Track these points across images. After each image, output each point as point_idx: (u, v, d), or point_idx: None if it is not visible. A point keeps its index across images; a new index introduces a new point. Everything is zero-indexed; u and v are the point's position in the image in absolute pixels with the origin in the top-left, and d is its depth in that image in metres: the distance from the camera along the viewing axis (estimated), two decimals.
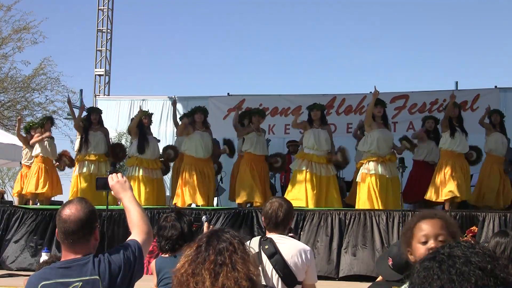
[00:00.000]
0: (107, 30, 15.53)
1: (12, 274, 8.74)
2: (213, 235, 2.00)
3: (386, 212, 8.52)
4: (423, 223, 2.42)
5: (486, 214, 8.39)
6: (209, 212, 9.03)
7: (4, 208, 9.92)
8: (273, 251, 3.63)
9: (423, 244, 2.38)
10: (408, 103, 12.64)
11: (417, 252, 2.39)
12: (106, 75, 15.30)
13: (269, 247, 3.64)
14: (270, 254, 3.62)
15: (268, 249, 3.64)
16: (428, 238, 2.38)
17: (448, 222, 2.46)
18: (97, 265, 2.58)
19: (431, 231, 2.38)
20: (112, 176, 2.95)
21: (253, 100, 13.38)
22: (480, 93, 12.33)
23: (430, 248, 2.33)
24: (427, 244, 2.37)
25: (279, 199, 3.94)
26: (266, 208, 3.82)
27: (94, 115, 10.79)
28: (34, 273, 2.72)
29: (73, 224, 2.61)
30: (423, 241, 2.38)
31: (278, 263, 3.61)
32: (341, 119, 12.84)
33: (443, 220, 2.43)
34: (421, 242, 2.39)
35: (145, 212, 2.93)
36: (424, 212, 2.53)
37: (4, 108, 20.95)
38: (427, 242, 2.37)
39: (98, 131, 10.65)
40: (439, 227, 2.40)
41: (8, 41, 20.34)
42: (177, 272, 1.93)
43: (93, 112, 10.95)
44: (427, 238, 2.38)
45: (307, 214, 8.79)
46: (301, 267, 3.66)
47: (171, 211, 4.18)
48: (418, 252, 2.39)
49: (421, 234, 2.39)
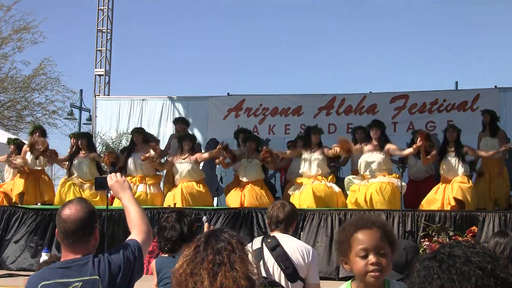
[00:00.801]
0: (107, 30, 15.52)
1: (12, 274, 8.74)
2: (211, 235, 2.00)
3: (386, 212, 8.51)
4: (361, 234, 2.25)
5: (486, 214, 8.39)
6: (209, 212, 9.03)
7: (4, 208, 9.91)
8: (275, 244, 3.71)
9: (362, 258, 2.22)
10: (408, 103, 12.63)
11: (356, 266, 2.24)
12: (106, 75, 15.29)
13: (271, 241, 3.74)
14: (272, 247, 3.70)
15: (270, 242, 3.73)
16: (368, 251, 2.22)
17: (386, 230, 2.30)
18: (97, 265, 2.58)
19: (370, 244, 2.22)
20: (111, 176, 2.95)
21: (253, 100, 13.38)
22: (480, 93, 12.32)
23: (372, 263, 2.20)
24: (368, 259, 2.21)
25: (281, 201, 4.11)
26: (269, 209, 4.00)
27: (81, 140, 10.36)
28: (34, 273, 2.72)
29: (73, 224, 2.61)
30: (362, 255, 2.22)
31: (280, 255, 3.67)
32: (341, 119, 12.83)
33: (381, 230, 2.27)
34: (360, 256, 2.23)
35: (145, 212, 2.93)
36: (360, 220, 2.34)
37: (4, 108, 20.96)
38: (367, 256, 2.22)
39: (85, 158, 10.22)
40: (378, 239, 2.24)
41: (8, 41, 20.37)
42: (176, 272, 1.93)
43: (80, 138, 10.52)
44: (366, 251, 2.22)
45: (307, 214, 8.79)
46: (303, 263, 3.70)
47: (172, 211, 4.18)
48: (356, 266, 2.23)
49: (360, 248, 2.23)
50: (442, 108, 12.44)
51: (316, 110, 12.94)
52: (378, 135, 9.18)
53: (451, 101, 12.38)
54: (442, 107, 12.44)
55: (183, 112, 13.75)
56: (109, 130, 13.95)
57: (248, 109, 13.26)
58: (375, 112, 12.60)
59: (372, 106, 12.70)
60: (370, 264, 2.22)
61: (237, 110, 13.33)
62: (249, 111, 13.26)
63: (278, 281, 3.63)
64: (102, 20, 15.49)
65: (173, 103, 13.91)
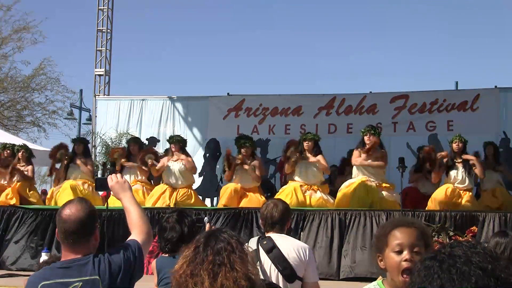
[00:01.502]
0: (107, 30, 15.52)
1: (12, 274, 8.74)
2: (211, 235, 2.00)
3: (386, 212, 8.51)
4: (398, 231, 2.29)
5: (486, 214, 8.38)
6: (209, 212, 9.03)
7: (4, 208, 9.91)
8: (271, 246, 3.68)
9: (397, 253, 2.25)
10: (408, 103, 12.63)
11: (389, 261, 2.27)
12: (106, 75, 15.28)
13: (267, 243, 3.70)
14: (268, 249, 3.66)
15: (266, 244, 3.69)
16: (403, 247, 2.25)
17: (424, 232, 2.34)
18: (97, 265, 2.58)
19: (406, 240, 2.26)
20: (111, 177, 2.96)
21: (253, 100, 13.38)
22: (480, 93, 12.31)
23: (405, 260, 2.23)
24: (402, 255, 2.25)
25: (274, 200, 4.05)
26: (262, 209, 3.92)
27: (77, 146, 10.39)
28: (34, 273, 2.72)
29: (73, 224, 2.61)
30: (397, 250, 2.25)
31: (276, 257, 3.65)
32: (341, 119, 12.83)
33: (419, 230, 2.32)
34: (395, 251, 2.26)
35: (145, 212, 2.94)
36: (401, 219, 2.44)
37: (4, 108, 20.95)
38: (402, 252, 2.25)
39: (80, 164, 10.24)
40: (415, 237, 2.28)
41: (8, 41, 20.36)
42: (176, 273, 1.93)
43: (77, 143, 10.55)
44: (401, 247, 2.25)
45: (307, 214, 8.78)
46: (300, 262, 3.68)
47: (173, 212, 4.17)
48: (390, 261, 2.26)
49: (396, 243, 2.26)
50: (442, 108, 12.43)
51: (316, 110, 12.94)
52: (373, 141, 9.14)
53: (451, 101, 12.38)
54: (442, 107, 12.44)
55: (183, 112, 13.75)
56: (109, 130, 13.94)
57: (248, 109, 13.26)
58: (375, 112, 12.61)
59: (372, 106, 12.70)
60: (404, 261, 2.24)
61: (237, 110, 13.33)
62: (249, 111, 13.25)
63: (276, 282, 3.61)
64: (102, 20, 15.49)
65: (173, 103, 13.91)
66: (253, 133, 12.62)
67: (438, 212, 8.50)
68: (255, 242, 3.79)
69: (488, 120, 11.92)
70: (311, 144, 9.53)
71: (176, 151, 10.05)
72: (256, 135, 12.66)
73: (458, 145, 9.22)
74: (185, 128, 13.38)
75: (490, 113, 12.05)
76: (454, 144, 9.27)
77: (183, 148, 10.17)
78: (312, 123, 12.32)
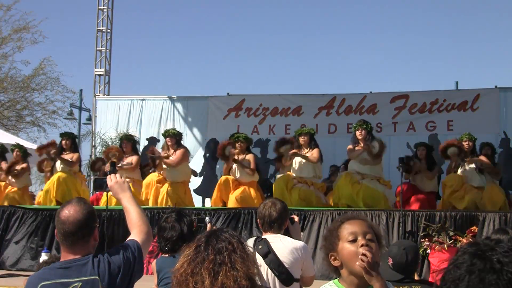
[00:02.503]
0: (107, 30, 15.52)
1: (12, 274, 8.74)
2: (212, 234, 1.99)
3: (386, 212, 8.51)
4: (348, 224, 2.35)
5: (486, 214, 8.37)
6: (209, 212, 9.02)
7: (4, 208, 9.90)
8: (266, 251, 3.64)
9: (351, 242, 2.29)
10: (408, 103, 12.63)
11: (345, 252, 2.29)
12: (106, 75, 15.29)
13: (262, 247, 3.66)
14: (264, 254, 3.63)
15: (261, 249, 3.65)
16: (357, 235, 2.29)
17: (371, 223, 2.41)
18: (97, 265, 2.58)
19: (359, 228, 2.31)
20: (110, 177, 2.95)
21: (253, 100, 13.38)
22: (480, 93, 12.31)
23: (362, 245, 2.26)
24: (357, 242, 2.28)
25: (272, 199, 3.99)
26: (260, 208, 3.87)
27: (65, 140, 10.42)
28: (34, 273, 2.72)
29: (72, 225, 2.61)
30: (352, 240, 2.29)
31: (272, 262, 3.62)
32: (341, 119, 12.83)
33: (366, 221, 2.38)
34: (349, 241, 2.29)
35: (144, 212, 2.93)
36: (347, 215, 2.48)
37: (4, 108, 20.95)
38: (356, 240, 2.29)
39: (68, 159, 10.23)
40: (366, 226, 2.34)
41: (8, 41, 20.35)
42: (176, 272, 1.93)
43: (64, 137, 10.56)
44: (355, 235, 2.29)
45: (307, 214, 8.78)
46: (297, 264, 3.67)
47: (171, 212, 4.17)
48: (346, 252, 2.29)
49: (349, 232, 2.31)
50: (442, 108, 12.43)
51: (316, 110, 12.94)
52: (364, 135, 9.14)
53: (451, 101, 12.38)
54: (442, 107, 12.43)
55: (183, 112, 13.75)
56: (108, 130, 13.94)
57: (248, 109, 13.26)
58: (375, 112, 12.61)
59: (372, 106, 12.69)
60: (361, 246, 2.26)
61: (237, 110, 13.33)
62: (249, 111, 13.25)
63: (272, 286, 3.60)
64: (102, 20, 15.49)
65: (173, 103, 13.90)
66: (253, 133, 12.62)
67: (438, 212, 8.50)
68: (251, 243, 3.73)
69: (488, 120, 11.92)
70: (307, 138, 9.51)
71: (172, 144, 9.97)
72: (256, 135, 12.67)
73: (468, 144, 9.22)
74: (185, 128, 13.37)
75: (490, 113, 12.05)
76: (464, 143, 9.25)
77: (178, 142, 10.11)
78: (312, 123, 12.30)
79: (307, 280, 3.78)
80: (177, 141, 10.05)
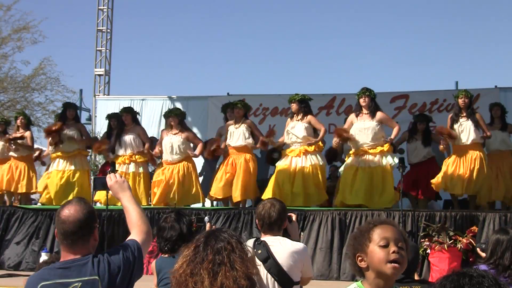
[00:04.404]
0: (107, 30, 15.52)
1: (12, 274, 8.74)
2: (211, 235, 1.99)
3: (386, 212, 8.51)
4: (381, 228, 2.37)
5: (486, 214, 8.38)
6: (209, 212, 9.02)
7: (4, 208, 9.90)
8: (266, 256, 3.59)
9: (383, 247, 2.31)
10: (408, 103, 12.63)
11: (375, 255, 2.31)
12: (106, 75, 15.29)
13: (262, 252, 3.60)
14: (263, 259, 3.58)
15: (261, 253, 3.60)
16: (389, 241, 2.32)
17: (402, 231, 2.45)
18: (97, 265, 2.57)
19: (392, 235, 2.34)
20: (110, 176, 2.95)
21: (253, 100, 13.36)
22: (480, 93, 12.31)
23: (393, 251, 2.29)
24: (389, 247, 2.31)
25: (271, 200, 3.93)
26: (259, 209, 3.81)
27: (70, 111, 10.52)
28: (34, 274, 2.72)
29: (72, 225, 2.61)
30: (383, 244, 2.31)
31: (272, 267, 3.58)
32: (341, 119, 12.80)
33: (397, 229, 2.41)
34: (380, 246, 2.32)
35: (144, 212, 2.93)
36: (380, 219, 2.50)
37: (4, 108, 20.94)
38: (387, 245, 2.31)
39: (71, 127, 10.33)
40: (398, 233, 2.37)
41: (8, 41, 20.33)
42: (176, 272, 1.92)
43: (68, 108, 10.66)
44: (387, 241, 2.32)
45: (307, 214, 8.78)
46: (296, 267, 3.64)
47: (170, 212, 4.17)
48: (376, 256, 2.31)
49: (381, 237, 2.33)
50: (442, 108, 12.44)
51: (316, 110, 12.90)
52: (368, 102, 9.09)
53: (451, 101, 12.34)
54: (442, 107, 12.44)
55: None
56: None
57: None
58: None
59: None
60: (392, 253, 2.29)
61: None
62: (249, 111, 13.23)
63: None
64: (102, 20, 15.50)
65: (173, 103, 13.90)
66: None
67: (438, 212, 8.51)
68: (251, 244, 3.66)
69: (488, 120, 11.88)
70: (295, 105, 9.46)
71: (175, 124, 9.89)
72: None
73: (464, 101, 9.16)
74: None
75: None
76: (460, 99, 9.19)
77: (182, 122, 10.06)
78: None
79: (303, 280, 3.77)
80: (180, 121, 9.98)
